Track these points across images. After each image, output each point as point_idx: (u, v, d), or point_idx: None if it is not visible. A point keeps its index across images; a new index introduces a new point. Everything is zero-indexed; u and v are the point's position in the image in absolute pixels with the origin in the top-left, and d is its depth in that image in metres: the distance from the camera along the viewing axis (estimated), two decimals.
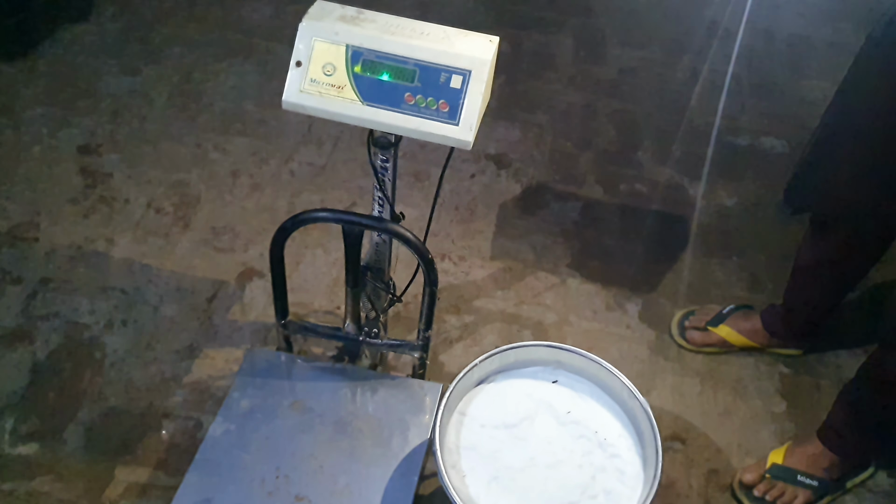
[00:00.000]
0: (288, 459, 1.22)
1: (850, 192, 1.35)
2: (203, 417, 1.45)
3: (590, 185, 1.97)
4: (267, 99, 2.11)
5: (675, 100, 2.23)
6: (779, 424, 1.52)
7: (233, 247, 1.74)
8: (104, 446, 1.39)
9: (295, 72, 1.06)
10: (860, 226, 1.37)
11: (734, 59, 2.39)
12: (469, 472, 1.13)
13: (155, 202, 1.82)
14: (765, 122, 2.20)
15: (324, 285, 1.68)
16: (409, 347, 1.33)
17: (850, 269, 1.47)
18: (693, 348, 1.62)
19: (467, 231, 1.82)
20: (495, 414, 1.19)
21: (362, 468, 1.22)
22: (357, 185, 1.90)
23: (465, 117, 1.06)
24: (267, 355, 1.37)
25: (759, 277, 1.78)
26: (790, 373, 1.61)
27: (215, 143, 1.98)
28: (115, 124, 2.00)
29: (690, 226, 1.90)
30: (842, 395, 1.39)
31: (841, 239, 1.41)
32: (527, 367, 1.25)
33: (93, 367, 1.51)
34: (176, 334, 1.57)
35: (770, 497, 1.38)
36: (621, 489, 1.12)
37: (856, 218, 1.36)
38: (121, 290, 1.63)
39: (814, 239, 1.47)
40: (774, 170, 2.04)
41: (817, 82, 2.34)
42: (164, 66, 2.18)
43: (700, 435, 1.50)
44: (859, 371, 1.35)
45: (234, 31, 2.32)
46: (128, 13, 2.35)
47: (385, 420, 1.29)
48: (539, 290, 1.71)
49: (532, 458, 1.15)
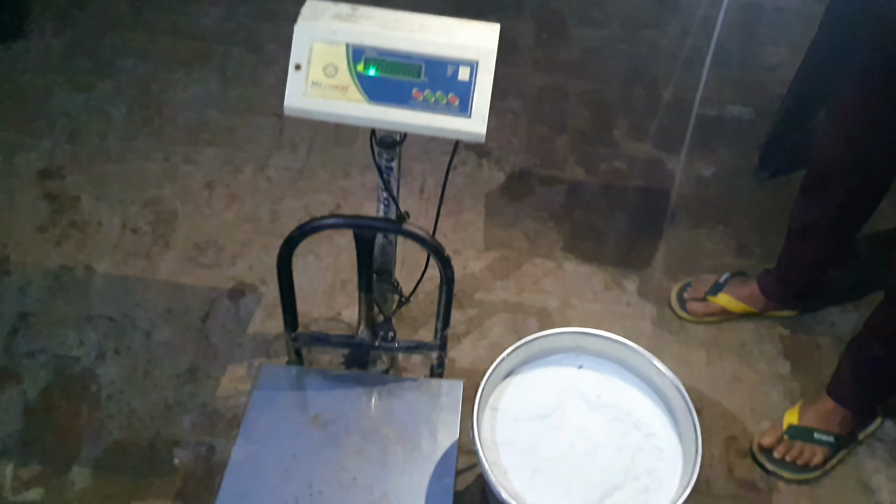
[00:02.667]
0: (319, 475, 1.19)
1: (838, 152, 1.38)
2: (215, 441, 1.39)
3: (571, 168, 1.97)
4: (232, 105, 2.04)
5: (640, 75, 2.25)
6: (786, 385, 1.56)
7: (219, 262, 1.68)
8: (115, 483, 1.33)
9: (294, 76, 1.01)
10: (850, 185, 1.40)
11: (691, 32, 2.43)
12: (510, 468, 1.11)
13: (130, 222, 1.74)
14: (728, 90, 2.24)
15: (320, 292, 1.64)
16: (427, 348, 1.31)
17: (843, 229, 1.50)
18: (695, 319, 1.64)
19: (458, 224, 1.80)
20: (527, 406, 1.18)
21: (396, 476, 1.19)
22: (339, 188, 1.86)
23: (477, 109, 1.03)
24: (279, 370, 1.33)
25: (746, 243, 1.82)
26: (789, 334, 1.64)
27: (184, 156, 1.90)
28: (75, 144, 1.90)
29: (673, 199, 1.92)
30: (849, 350, 1.42)
31: (833, 200, 1.43)
32: (551, 356, 1.24)
33: (89, 402, 1.43)
34: (173, 358, 1.51)
35: (790, 458, 1.41)
36: (662, 467, 1.13)
37: (847, 178, 1.39)
38: (108, 317, 1.56)
39: (807, 202, 1.49)
40: (745, 137, 2.08)
41: (772, 48, 2.39)
42: (117, 79, 2.08)
43: (713, 404, 1.52)
44: (866, 324, 1.38)
45: (187, 37, 2.23)
46: (70, 27, 2.23)
47: (411, 424, 1.26)
48: (537, 277, 1.70)
49: (570, 446, 1.14)
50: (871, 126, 1.29)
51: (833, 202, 1.42)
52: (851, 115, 1.32)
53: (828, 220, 1.46)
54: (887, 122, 1.26)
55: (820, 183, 1.44)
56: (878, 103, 1.26)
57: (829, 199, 1.43)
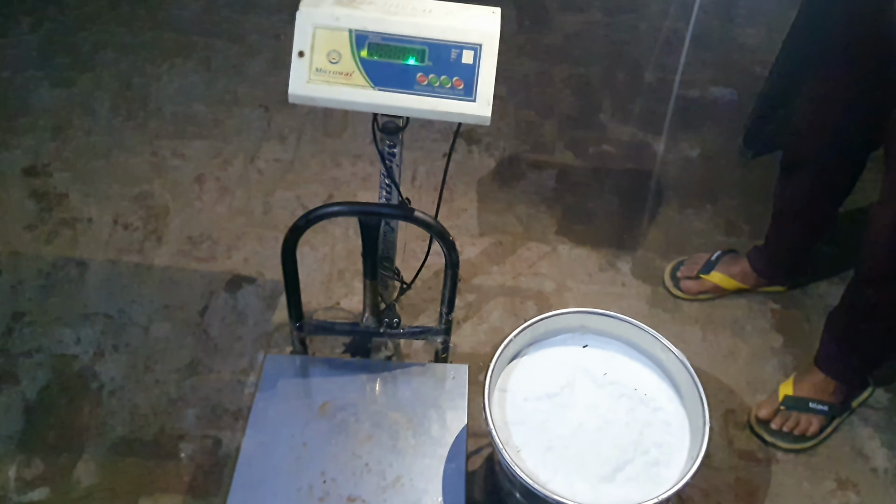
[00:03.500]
0: (331, 462, 1.19)
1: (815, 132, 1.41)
2: (221, 434, 1.39)
3: (560, 152, 1.98)
4: (217, 97, 2.02)
5: (623, 59, 2.27)
6: (779, 358, 1.59)
7: (214, 255, 1.67)
8: (121, 480, 1.32)
9: (298, 62, 1.01)
10: (828, 165, 1.43)
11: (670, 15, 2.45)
12: (523, 447, 1.13)
13: (121, 218, 1.72)
14: (710, 72, 2.27)
15: (318, 283, 1.64)
16: (432, 333, 1.32)
17: (824, 207, 1.53)
18: (689, 297, 1.66)
19: (451, 211, 1.80)
20: (535, 386, 1.20)
21: (408, 460, 1.20)
22: (330, 177, 1.85)
23: (482, 92, 1.05)
24: (284, 360, 1.33)
25: (735, 221, 1.85)
26: (780, 308, 1.68)
27: (172, 149, 1.88)
28: (60, 141, 1.87)
29: (661, 180, 1.94)
30: (828, 325, 1.46)
31: (811, 180, 1.46)
32: (555, 336, 1.26)
33: (90, 399, 1.42)
34: (173, 353, 1.50)
35: (787, 428, 1.44)
36: (670, 440, 1.15)
37: (823, 158, 1.42)
38: (104, 314, 1.54)
39: (786, 183, 1.53)
40: (728, 117, 2.11)
41: (751, 29, 2.42)
42: (99, 73, 2.05)
43: (710, 378, 1.55)
44: (841, 300, 1.42)
45: (167, 30, 2.20)
46: (47, 22, 2.19)
47: (420, 408, 1.27)
48: (533, 261, 1.72)
49: (580, 423, 1.16)
50: (845, 106, 1.32)
51: (810, 181, 1.45)
52: (825, 96, 1.35)
53: (807, 198, 1.49)
54: (860, 102, 1.29)
55: (797, 163, 1.47)
56: (852, 84, 1.29)
57: (807, 179, 1.45)
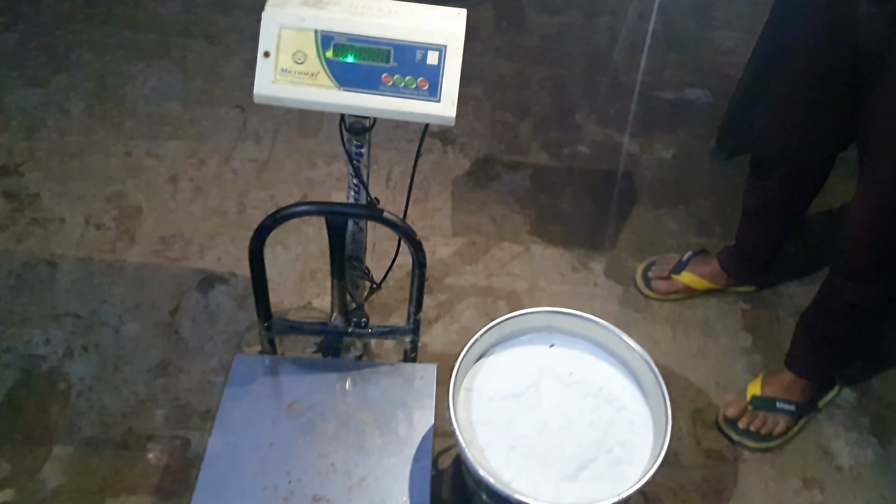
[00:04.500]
0: (297, 462, 1.19)
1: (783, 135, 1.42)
2: (189, 434, 1.39)
3: (535, 153, 1.99)
4: (193, 97, 2.02)
5: (600, 61, 2.29)
6: (748, 358, 1.61)
7: (187, 255, 1.67)
8: (88, 481, 1.32)
9: (264, 63, 1.01)
10: (796, 166, 1.45)
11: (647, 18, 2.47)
12: (487, 446, 1.13)
13: (93, 218, 1.71)
14: (685, 74, 2.29)
15: (290, 283, 1.64)
16: (400, 332, 1.32)
17: (793, 208, 1.55)
18: (660, 297, 1.68)
19: (425, 210, 1.81)
20: (501, 385, 1.20)
21: (374, 460, 1.20)
22: (305, 178, 1.85)
23: (446, 93, 1.05)
24: (253, 360, 1.32)
25: (707, 222, 1.87)
26: (750, 308, 1.69)
27: (147, 150, 1.88)
28: (33, 140, 1.86)
29: (635, 181, 1.96)
30: (800, 325, 1.48)
31: (780, 181, 1.48)
32: (522, 335, 1.27)
33: (59, 400, 1.41)
34: (143, 353, 1.49)
35: (754, 427, 1.46)
36: (634, 439, 1.16)
37: (791, 159, 1.44)
38: (74, 314, 1.54)
39: (756, 184, 1.54)
40: (703, 119, 2.13)
41: (727, 32, 2.45)
42: (73, 73, 2.04)
43: (680, 378, 1.56)
44: (814, 300, 1.43)
45: (144, 29, 2.20)
46: (21, 21, 2.18)
47: (387, 408, 1.27)
48: (505, 261, 1.72)
49: (545, 422, 1.16)
50: (811, 108, 1.33)
51: (779, 181, 1.47)
52: (791, 97, 1.37)
53: (776, 198, 1.50)
54: (826, 105, 1.30)
55: (765, 164, 1.49)
56: (816, 85, 1.30)
57: (776, 179, 1.47)
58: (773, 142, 1.46)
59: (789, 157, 1.44)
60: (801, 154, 1.42)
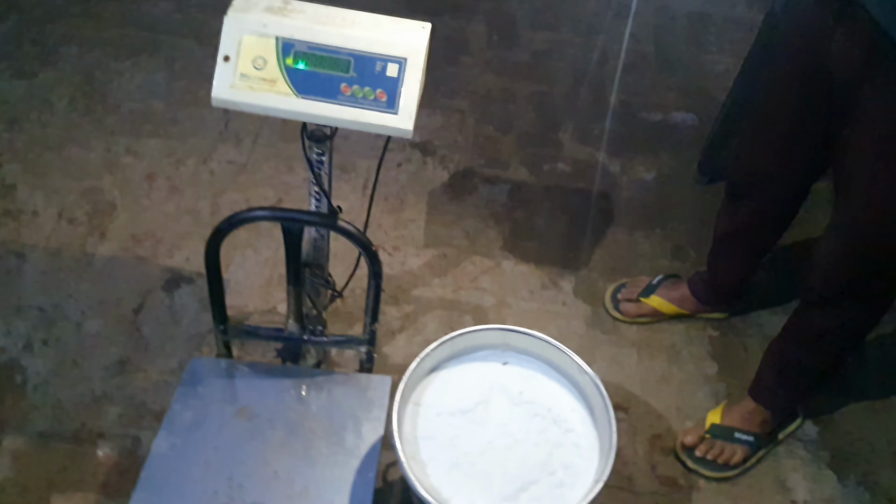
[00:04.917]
0: (240, 468, 1.19)
1: (757, 162, 1.42)
2: (142, 434, 1.38)
3: (515, 168, 1.99)
4: (177, 97, 2.02)
5: (588, 80, 2.28)
6: (712, 385, 1.60)
7: (156, 253, 1.67)
8: (35, 475, 1.31)
9: (223, 67, 1.01)
10: (769, 195, 1.44)
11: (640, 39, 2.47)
12: (429, 462, 1.12)
13: (66, 212, 1.72)
14: (673, 96, 2.28)
15: (257, 286, 1.64)
16: (355, 342, 1.31)
17: (764, 236, 1.54)
18: (627, 320, 1.67)
19: (399, 221, 1.81)
20: (450, 401, 1.19)
21: (318, 469, 1.20)
22: (282, 182, 1.85)
23: (404, 105, 1.04)
24: (208, 363, 1.32)
25: (682, 247, 1.86)
26: (718, 335, 1.68)
27: (126, 146, 1.88)
28: (14, 132, 1.87)
29: (614, 202, 1.95)
30: (768, 353, 1.46)
31: (753, 208, 1.47)
32: (476, 352, 1.26)
33: (14, 392, 1.41)
34: (103, 349, 1.49)
35: (711, 456, 1.44)
36: (578, 462, 1.15)
37: (764, 187, 1.43)
38: (38, 308, 1.54)
39: (729, 209, 1.54)
40: (687, 142, 2.12)
41: (719, 56, 2.44)
42: (61, 67, 2.05)
43: (641, 402, 1.55)
44: (784, 328, 1.42)
45: (135, 27, 2.21)
46: (14, 13, 2.20)
47: (336, 418, 1.26)
48: (475, 275, 1.72)
49: (490, 441, 1.15)
50: (786, 138, 1.33)
51: (751, 210, 1.46)
52: (768, 127, 1.36)
53: (747, 227, 1.50)
54: (801, 135, 1.30)
55: (739, 191, 1.48)
56: (792, 116, 1.30)
57: (748, 208, 1.46)
58: (747, 169, 1.45)
59: (762, 185, 1.43)
60: (775, 183, 1.42)
